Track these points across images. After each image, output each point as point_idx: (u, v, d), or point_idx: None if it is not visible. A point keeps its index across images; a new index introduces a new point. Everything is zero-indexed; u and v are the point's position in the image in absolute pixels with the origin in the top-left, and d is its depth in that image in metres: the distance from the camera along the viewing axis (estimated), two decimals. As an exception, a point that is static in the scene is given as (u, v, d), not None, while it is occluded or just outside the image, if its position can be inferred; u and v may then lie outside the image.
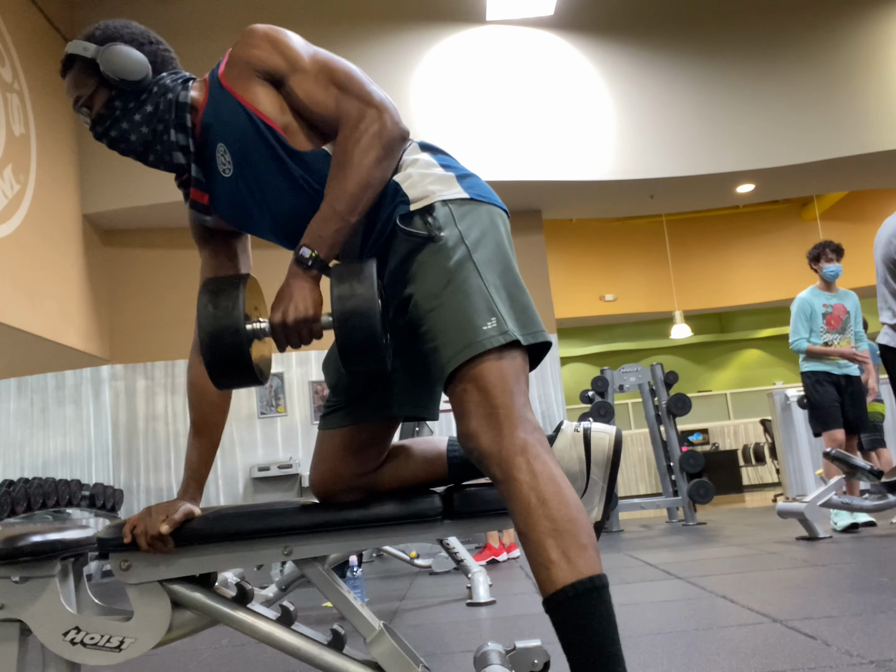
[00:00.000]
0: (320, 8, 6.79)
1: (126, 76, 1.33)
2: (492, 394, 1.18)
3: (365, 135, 1.26)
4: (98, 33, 1.36)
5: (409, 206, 1.30)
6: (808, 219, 11.29)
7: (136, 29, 1.40)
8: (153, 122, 1.37)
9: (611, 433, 1.39)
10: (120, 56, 1.33)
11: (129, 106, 1.36)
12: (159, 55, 1.39)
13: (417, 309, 1.26)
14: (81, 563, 1.46)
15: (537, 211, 7.46)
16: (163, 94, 1.37)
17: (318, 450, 1.45)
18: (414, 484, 1.46)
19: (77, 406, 6.99)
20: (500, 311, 1.22)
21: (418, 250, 1.28)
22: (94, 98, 1.37)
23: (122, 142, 1.39)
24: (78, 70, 1.36)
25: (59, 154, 6.08)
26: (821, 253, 4.84)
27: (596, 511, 1.37)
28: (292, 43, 1.35)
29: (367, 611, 1.37)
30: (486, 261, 1.26)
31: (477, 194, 1.33)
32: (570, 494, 1.15)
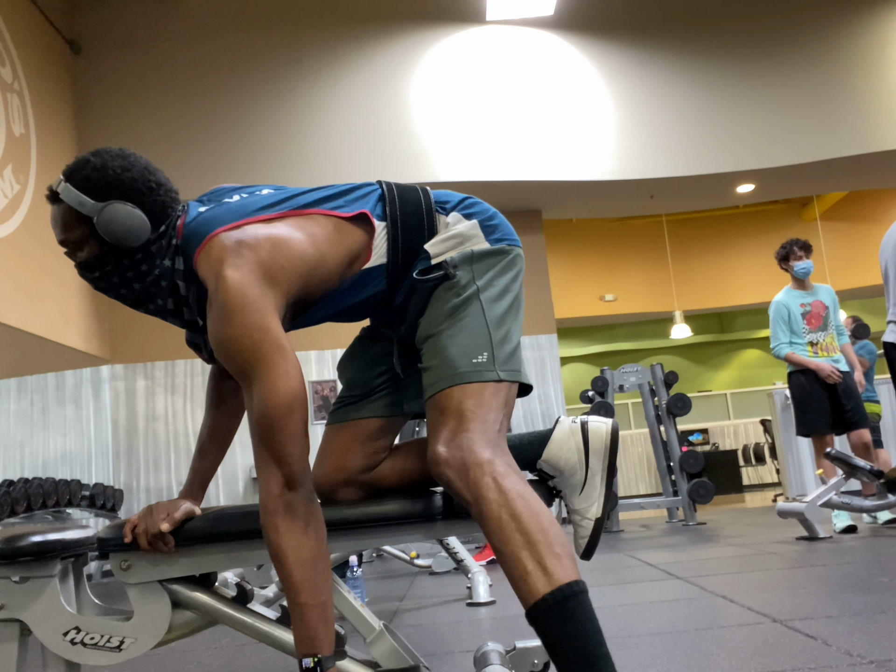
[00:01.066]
0: (320, 8, 6.78)
1: (125, 243, 1.26)
2: (466, 419, 1.22)
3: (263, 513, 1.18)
4: (95, 179, 1.26)
5: (429, 261, 1.34)
6: (808, 219, 11.29)
7: (137, 171, 1.28)
8: (147, 284, 1.31)
9: (608, 423, 1.42)
10: (120, 220, 1.25)
11: (122, 263, 1.29)
12: (159, 203, 1.30)
13: (420, 333, 1.32)
14: (81, 563, 1.46)
15: (537, 211, 7.46)
16: (159, 254, 1.30)
17: (325, 443, 1.47)
18: (415, 482, 1.47)
19: (77, 406, 6.99)
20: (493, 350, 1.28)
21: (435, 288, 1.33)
22: (84, 247, 1.29)
23: (111, 292, 1.34)
24: (67, 213, 1.27)
25: (59, 154, 6.08)
26: (789, 252, 4.75)
27: (595, 507, 1.39)
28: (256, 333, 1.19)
29: (367, 611, 1.37)
30: (492, 300, 1.32)
31: (496, 240, 1.39)
32: (540, 507, 1.17)
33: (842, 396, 4.62)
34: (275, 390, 1.16)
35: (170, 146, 6.52)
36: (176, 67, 6.71)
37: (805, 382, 4.66)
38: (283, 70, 6.73)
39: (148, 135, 6.54)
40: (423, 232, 1.36)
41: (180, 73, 6.71)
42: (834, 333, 4.75)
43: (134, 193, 1.27)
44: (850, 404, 4.61)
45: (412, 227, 1.36)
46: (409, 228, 1.36)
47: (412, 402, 1.46)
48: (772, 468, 9.95)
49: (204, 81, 6.71)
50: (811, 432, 4.64)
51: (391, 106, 6.74)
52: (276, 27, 6.72)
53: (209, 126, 6.63)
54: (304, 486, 1.19)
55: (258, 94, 6.70)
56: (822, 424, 4.60)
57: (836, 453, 4.29)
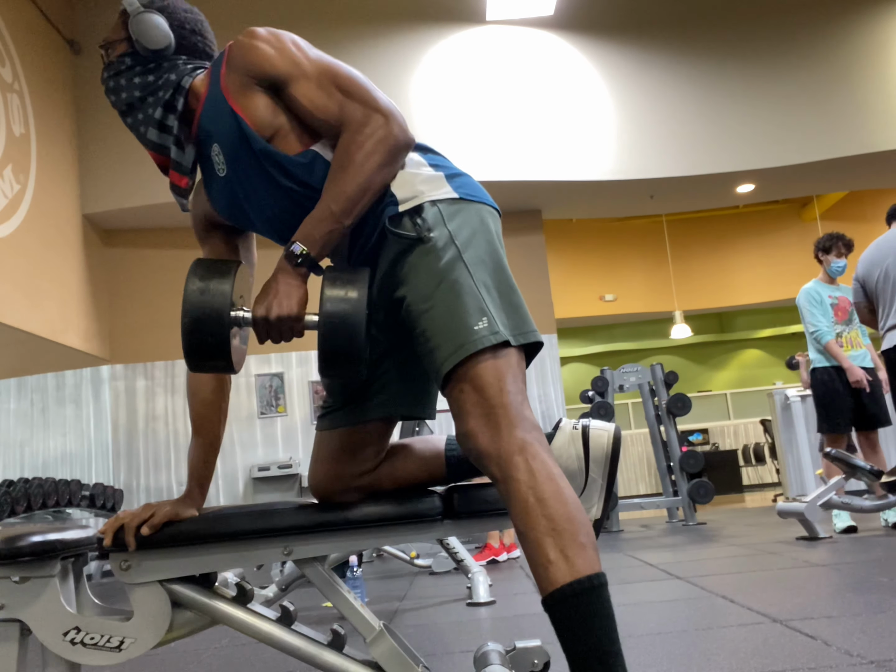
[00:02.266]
0: (320, 8, 6.78)
1: (143, 42, 1.38)
2: (489, 393, 1.18)
3: (369, 139, 1.25)
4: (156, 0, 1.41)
5: (397, 206, 1.29)
6: (808, 219, 11.29)
7: (191, 15, 1.45)
8: (146, 92, 1.40)
9: (609, 430, 1.39)
10: (149, 23, 1.37)
11: (135, 67, 1.40)
12: (190, 42, 1.43)
13: (410, 311, 1.26)
14: (81, 563, 1.45)
15: (537, 211, 7.46)
16: (168, 71, 1.40)
17: (316, 451, 1.45)
18: (412, 483, 1.46)
19: (77, 406, 7.00)
20: (490, 311, 1.22)
21: (408, 252, 1.27)
22: (116, 46, 1.43)
23: (113, 93, 1.43)
24: (120, 18, 1.43)
25: (59, 154, 6.08)
26: (833, 245, 4.69)
27: (595, 509, 1.37)
28: (293, 47, 1.34)
29: (367, 611, 1.37)
30: (476, 261, 1.26)
31: (466, 193, 1.33)
32: (569, 493, 1.15)
33: (864, 395, 4.57)
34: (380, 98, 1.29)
35: (170, 146, 6.52)
36: (176, 67, 6.71)
37: (828, 380, 4.59)
38: (283, 70, 6.72)
39: (148, 135, 6.53)
40: None
41: (180, 73, 6.70)
42: (859, 330, 4.72)
43: (174, 19, 1.41)
44: (871, 403, 4.56)
45: None
46: None
47: (396, 405, 1.44)
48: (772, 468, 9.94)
49: (204, 81, 6.70)
50: (833, 430, 4.58)
51: (391, 106, 6.74)
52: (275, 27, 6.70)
53: (209, 126, 6.63)
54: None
55: (258, 94, 6.69)
56: (844, 423, 4.55)
57: (836, 453, 4.29)
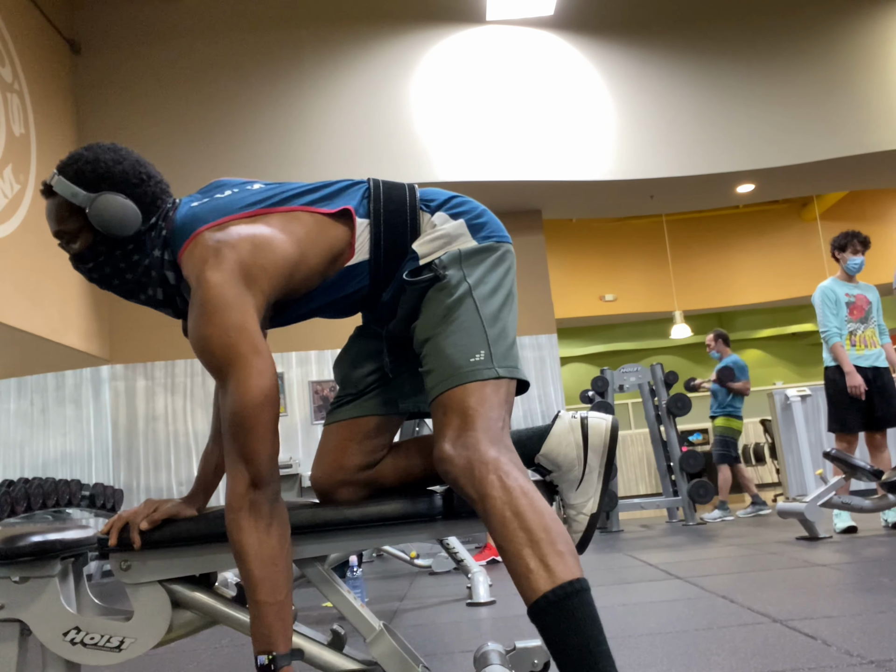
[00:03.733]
0: (320, 8, 6.78)
1: (116, 232, 1.29)
2: (470, 417, 1.23)
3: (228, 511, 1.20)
4: (87, 171, 1.29)
5: (418, 261, 1.35)
6: (808, 219, 11.29)
7: (128, 163, 1.32)
8: (140, 273, 1.34)
9: (607, 420, 1.43)
10: (111, 210, 1.28)
11: (115, 253, 1.33)
12: (149, 195, 1.33)
13: (417, 337, 1.33)
14: (81, 563, 1.46)
15: (537, 211, 7.46)
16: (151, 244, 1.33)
17: (323, 443, 1.47)
18: (413, 480, 1.47)
19: (77, 406, 6.99)
20: (490, 347, 1.28)
21: (426, 290, 1.33)
22: (78, 238, 1.32)
23: (104, 283, 1.37)
24: (60, 205, 1.31)
25: (59, 154, 6.08)
26: (848, 243, 4.68)
27: (592, 502, 1.39)
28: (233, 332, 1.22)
29: (367, 611, 1.37)
30: (485, 297, 1.32)
31: (485, 237, 1.38)
32: (543, 505, 1.18)
33: (875, 395, 4.55)
34: (247, 388, 1.17)
35: (170, 145, 6.53)
36: (176, 67, 6.71)
37: (839, 379, 4.57)
38: (284, 70, 6.73)
39: (148, 134, 6.54)
40: (405, 229, 1.37)
41: (180, 73, 6.71)
42: (875, 329, 4.71)
43: (125, 185, 1.30)
44: (881, 404, 4.55)
45: (395, 225, 1.36)
46: (392, 226, 1.36)
47: (406, 401, 1.47)
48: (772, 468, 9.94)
49: (204, 81, 6.71)
50: (843, 430, 4.57)
51: (391, 106, 6.74)
52: (276, 27, 6.72)
53: (209, 126, 6.63)
54: (270, 486, 1.20)
55: (258, 93, 6.70)
56: (855, 424, 4.54)
57: (835, 453, 4.28)
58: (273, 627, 1.18)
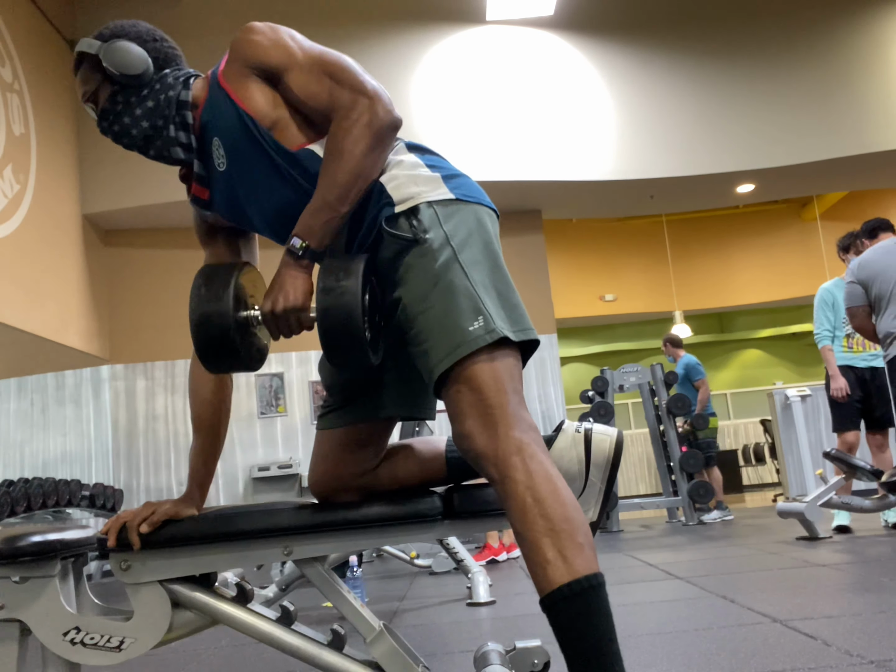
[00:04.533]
0: (321, 8, 6.79)
1: (126, 70, 1.36)
2: (485, 394, 1.18)
3: (356, 125, 1.25)
4: (105, 31, 1.40)
5: (393, 207, 1.30)
6: (808, 219, 11.29)
7: (143, 27, 1.42)
8: (154, 118, 1.38)
9: (612, 435, 1.38)
10: (120, 51, 1.36)
11: (130, 100, 1.38)
12: (162, 52, 1.41)
13: (406, 312, 1.26)
14: (81, 563, 1.45)
15: (537, 211, 7.46)
16: (164, 91, 1.39)
17: (317, 450, 1.46)
18: (413, 483, 1.46)
19: (77, 406, 6.99)
20: (487, 310, 1.22)
21: (405, 253, 1.28)
22: (99, 93, 1.39)
23: (125, 136, 1.40)
24: (86, 66, 1.40)
25: (59, 154, 6.08)
26: (851, 244, 4.69)
27: (592, 512, 1.37)
28: (288, 39, 1.36)
29: (367, 611, 1.37)
30: (472, 261, 1.26)
31: (463, 194, 1.33)
32: (566, 493, 1.15)
33: (875, 396, 4.57)
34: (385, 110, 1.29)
35: (170, 146, 6.52)
36: (176, 67, 6.71)
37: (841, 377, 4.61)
38: (283, 70, 6.72)
39: (148, 135, 6.53)
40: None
41: (180, 73, 6.70)
42: None
43: (136, 37, 1.40)
44: (881, 404, 4.56)
45: None
46: None
47: (396, 405, 1.44)
48: (772, 468, 9.94)
49: (204, 81, 6.70)
50: (840, 429, 4.61)
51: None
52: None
53: (209, 126, 6.62)
54: None
55: (258, 94, 6.69)
56: (848, 421, 4.57)
57: (835, 453, 4.29)
58: (323, 228, 1.25)
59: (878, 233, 4.32)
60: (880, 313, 4.06)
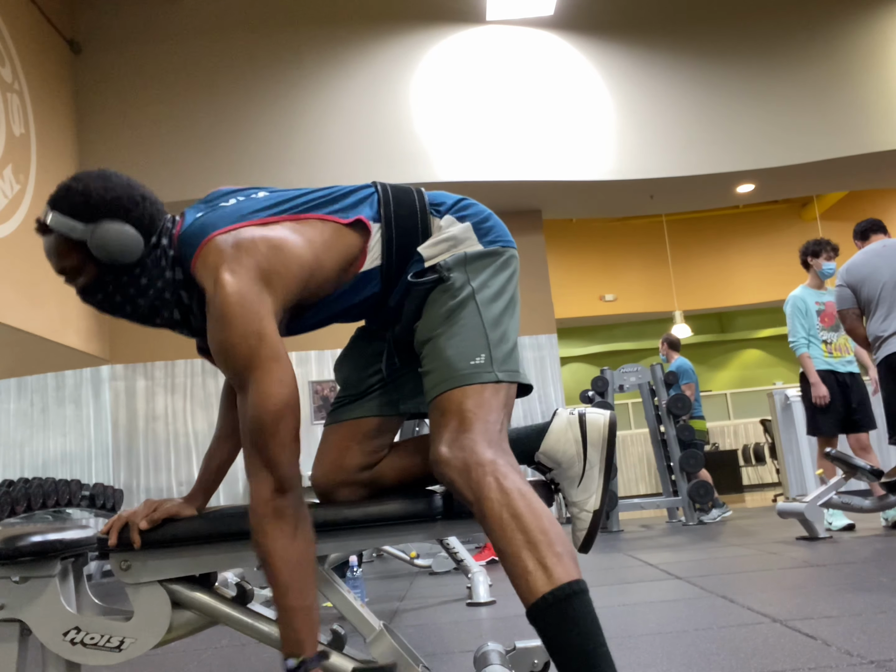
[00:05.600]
0: (321, 8, 6.78)
1: (121, 260, 1.25)
2: (468, 420, 1.23)
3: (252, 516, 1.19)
4: (79, 204, 1.24)
5: (423, 263, 1.35)
6: (808, 219, 11.29)
7: (120, 188, 1.27)
8: (150, 297, 1.31)
9: (605, 415, 1.43)
10: (112, 238, 1.24)
11: (121, 281, 1.28)
12: (147, 215, 1.28)
13: (418, 338, 1.34)
14: (81, 563, 1.46)
15: (537, 211, 7.46)
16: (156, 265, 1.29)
17: (324, 443, 1.48)
18: (414, 480, 1.47)
19: (77, 406, 6.99)
20: (490, 350, 1.28)
21: (430, 291, 1.34)
22: (82, 272, 1.29)
23: (117, 312, 1.33)
24: (59, 242, 1.26)
25: (59, 154, 6.08)
26: (822, 249, 4.80)
27: (594, 499, 1.39)
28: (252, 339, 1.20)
29: (367, 611, 1.37)
30: (488, 301, 1.32)
31: (490, 241, 1.38)
32: (541, 507, 1.18)
33: (854, 400, 4.67)
34: (268, 395, 1.17)
35: (170, 146, 6.52)
36: (176, 67, 6.71)
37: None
38: (284, 70, 6.72)
39: (148, 135, 6.54)
40: (416, 234, 1.37)
41: (180, 73, 6.71)
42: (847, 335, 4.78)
43: (121, 210, 1.25)
44: (858, 407, 4.66)
45: (406, 230, 1.36)
46: (404, 230, 1.36)
47: (407, 402, 1.47)
48: (772, 468, 9.94)
49: (204, 81, 6.70)
50: (820, 433, 4.67)
51: (391, 106, 6.74)
52: (276, 27, 6.71)
53: (209, 126, 6.63)
54: (294, 491, 1.19)
55: (258, 93, 6.70)
56: (832, 426, 4.64)
57: (836, 453, 4.29)
58: (302, 631, 1.18)
59: (870, 234, 4.38)
60: (869, 316, 4.10)
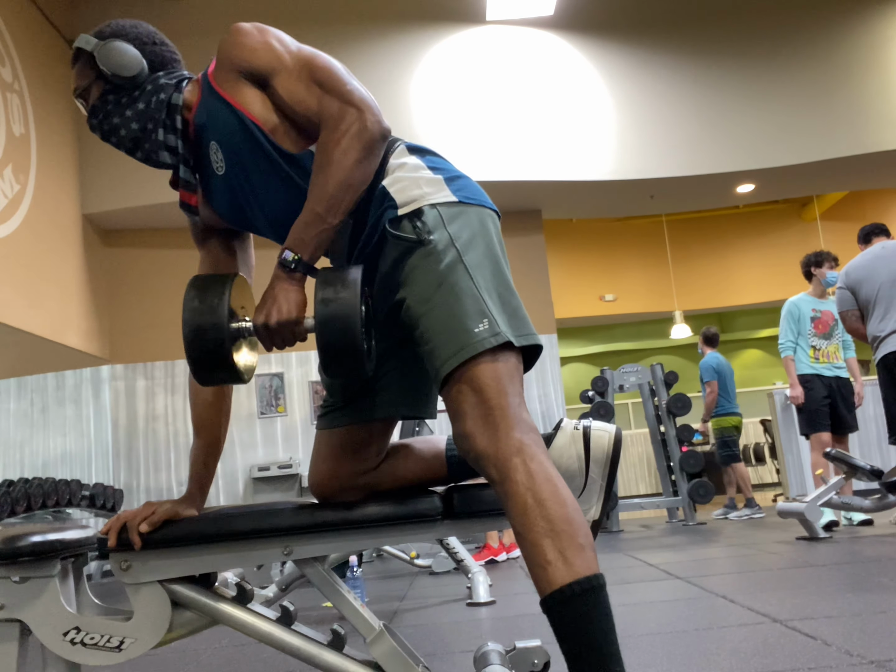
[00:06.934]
0: (320, 8, 6.78)
1: (119, 72, 1.37)
2: (487, 395, 1.19)
3: (345, 136, 1.24)
4: (106, 30, 1.40)
5: (397, 210, 1.30)
6: (808, 219, 11.29)
7: (144, 29, 1.43)
8: (143, 120, 1.39)
9: (610, 431, 1.39)
10: (115, 52, 1.36)
11: (121, 101, 1.39)
12: (159, 56, 1.42)
13: (410, 312, 1.27)
14: (81, 563, 1.45)
15: (537, 211, 7.46)
16: (155, 93, 1.39)
17: (317, 450, 1.46)
18: (413, 483, 1.46)
19: (77, 406, 7.00)
20: (491, 313, 1.23)
21: (409, 254, 1.28)
22: (91, 90, 1.40)
23: (113, 135, 1.41)
24: (82, 62, 1.40)
25: (59, 154, 6.08)
26: (824, 259, 4.99)
27: (594, 510, 1.37)
28: (275, 41, 1.37)
29: (367, 611, 1.37)
30: (476, 263, 1.27)
31: (466, 196, 1.33)
32: (567, 494, 1.15)
33: (840, 404, 4.89)
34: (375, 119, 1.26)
35: (170, 146, 6.52)
36: (176, 67, 6.71)
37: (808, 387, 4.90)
38: (283, 70, 6.71)
39: (148, 135, 6.53)
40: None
41: (180, 73, 6.70)
42: (839, 344, 5.01)
43: (136, 41, 1.40)
44: (845, 412, 4.89)
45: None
46: None
47: (397, 406, 1.44)
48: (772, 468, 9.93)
49: (204, 81, 6.70)
50: (813, 430, 4.85)
51: (391, 106, 6.74)
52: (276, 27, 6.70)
53: (209, 126, 6.62)
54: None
55: (258, 94, 6.69)
56: (822, 425, 4.82)
57: (836, 453, 4.30)
58: (315, 240, 1.24)
59: (872, 237, 4.49)
60: (868, 317, 4.18)
